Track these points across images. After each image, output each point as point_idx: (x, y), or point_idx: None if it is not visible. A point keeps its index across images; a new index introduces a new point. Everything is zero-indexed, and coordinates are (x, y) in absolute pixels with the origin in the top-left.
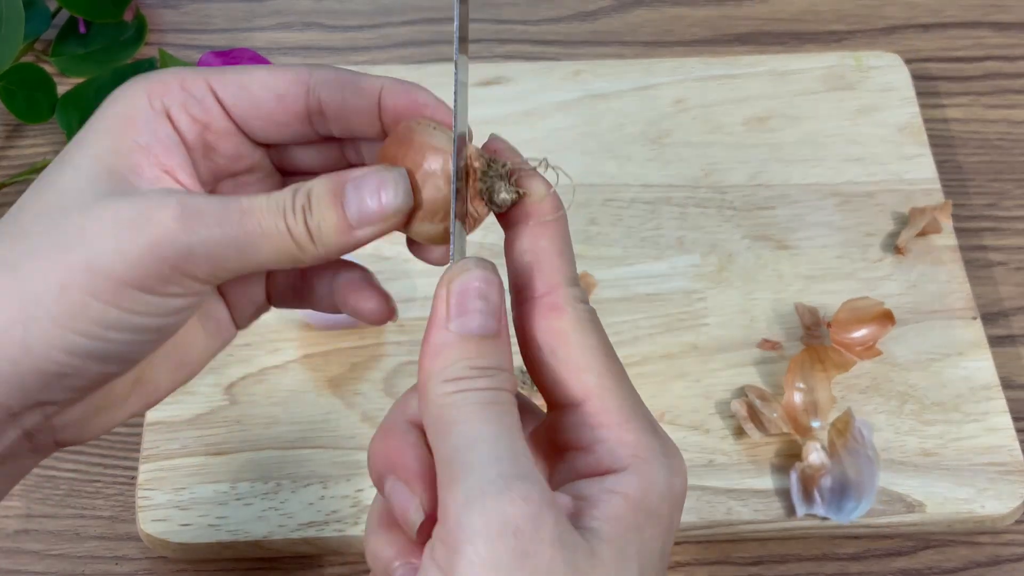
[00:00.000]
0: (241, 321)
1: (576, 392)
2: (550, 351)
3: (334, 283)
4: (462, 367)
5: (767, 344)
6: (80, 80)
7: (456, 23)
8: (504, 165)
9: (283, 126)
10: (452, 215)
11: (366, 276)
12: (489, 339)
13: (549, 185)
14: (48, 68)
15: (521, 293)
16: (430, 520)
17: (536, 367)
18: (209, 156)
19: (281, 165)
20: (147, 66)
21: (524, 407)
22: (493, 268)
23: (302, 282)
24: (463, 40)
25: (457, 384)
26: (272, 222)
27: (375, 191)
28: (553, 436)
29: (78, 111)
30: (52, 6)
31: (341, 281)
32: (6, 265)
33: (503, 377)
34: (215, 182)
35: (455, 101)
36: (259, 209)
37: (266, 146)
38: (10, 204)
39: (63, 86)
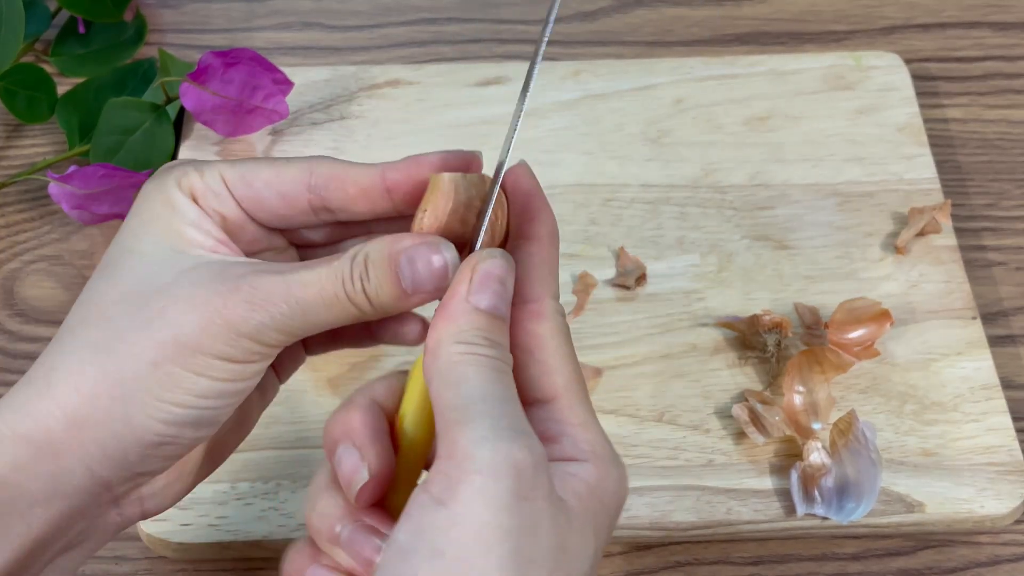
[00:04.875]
0: (284, 377)
1: (548, 391)
2: (529, 351)
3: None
4: (474, 334)
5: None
6: (80, 80)
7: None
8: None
9: (289, 218)
10: (485, 219)
11: None
12: (498, 319)
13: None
14: (48, 68)
15: (513, 298)
16: (374, 482)
17: (516, 364)
18: (233, 239)
19: (294, 241)
20: (147, 66)
21: None
22: (512, 261)
23: (338, 331)
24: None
25: (469, 347)
26: (333, 291)
27: (427, 262)
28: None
29: (78, 111)
30: (52, 6)
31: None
32: (100, 349)
33: (506, 353)
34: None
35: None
36: (320, 280)
37: (279, 230)
38: (10, 204)
39: (63, 86)
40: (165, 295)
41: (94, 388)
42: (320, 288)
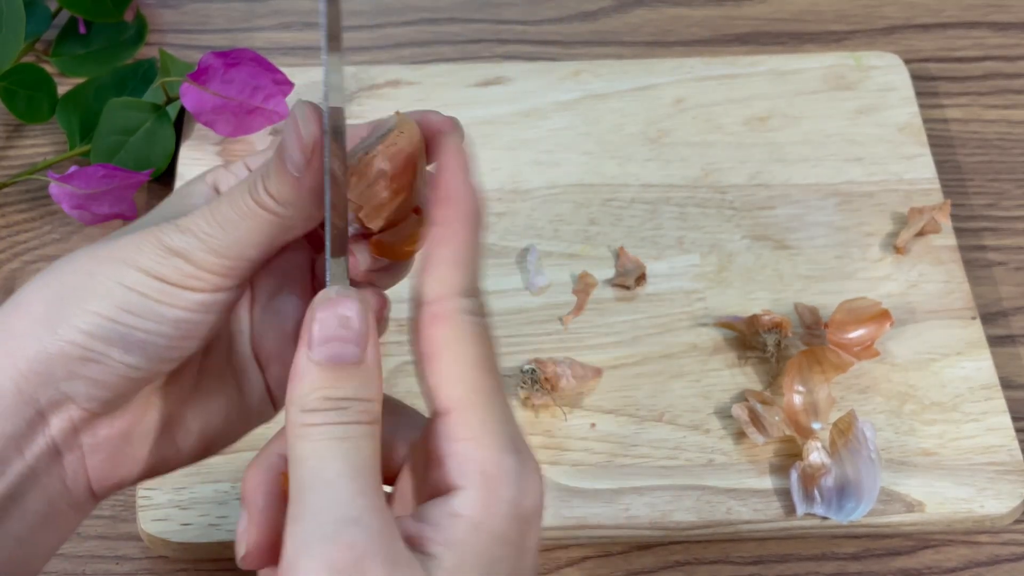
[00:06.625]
0: (280, 401)
1: (443, 403)
2: (427, 360)
3: None
4: (317, 398)
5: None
6: (80, 80)
7: (324, 22)
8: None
9: None
10: (328, 239)
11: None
12: (349, 367)
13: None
14: (48, 68)
15: (414, 299)
16: (253, 554)
17: (418, 374)
18: None
19: None
20: (147, 66)
21: (401, 412)
22: (358, 295)
23: None
24: (333, 39)
25: (311, 416)
26: (242, 201)
27: (294, 137)
28: (425, 445)
29: (78, 111)
30: (53, 6)
31: None
32: (50, 269)
33: (359, 407)
34: None
35: (325, 106)
36: (232, 194)
37: None
38: (11, 204)
39: (63, 86)
40: (124, 233)
41: (32, 297)
42: (231, 200)
